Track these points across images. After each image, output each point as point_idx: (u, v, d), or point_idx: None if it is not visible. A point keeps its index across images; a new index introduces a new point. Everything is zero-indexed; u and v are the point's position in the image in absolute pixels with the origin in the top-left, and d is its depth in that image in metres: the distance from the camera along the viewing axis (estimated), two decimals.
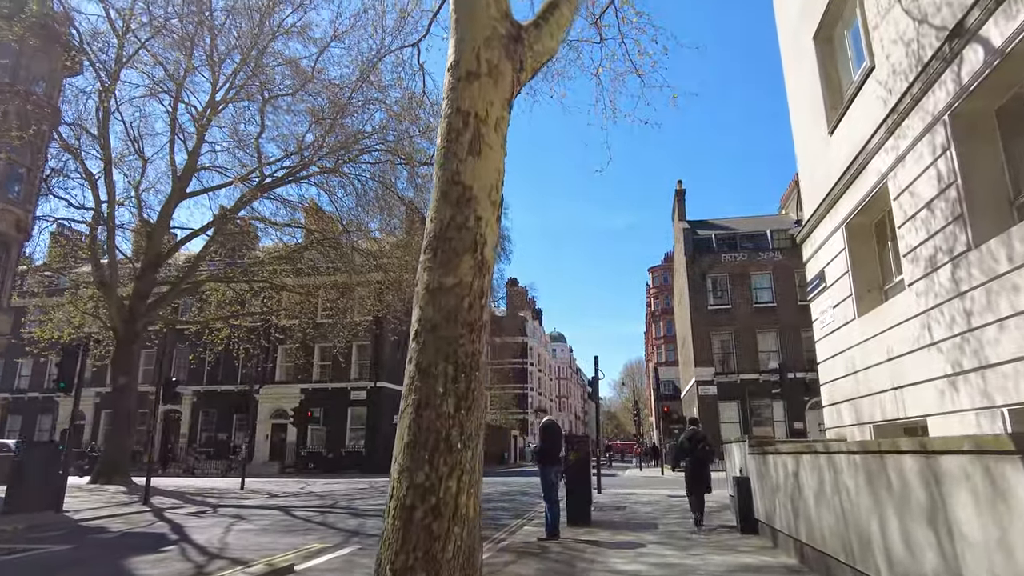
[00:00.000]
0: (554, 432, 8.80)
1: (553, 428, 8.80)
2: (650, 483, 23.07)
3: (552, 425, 8.81)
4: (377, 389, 33.94)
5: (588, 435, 11.22)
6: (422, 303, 3.66)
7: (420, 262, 3.77)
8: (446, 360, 3.46)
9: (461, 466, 3.34)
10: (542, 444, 8.72)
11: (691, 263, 33.59)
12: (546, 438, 8.71)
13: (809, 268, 12.93)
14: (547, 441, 8.70)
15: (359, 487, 20.91)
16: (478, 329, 3.60)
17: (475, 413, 3.48)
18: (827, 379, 11.91)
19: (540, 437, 8.73)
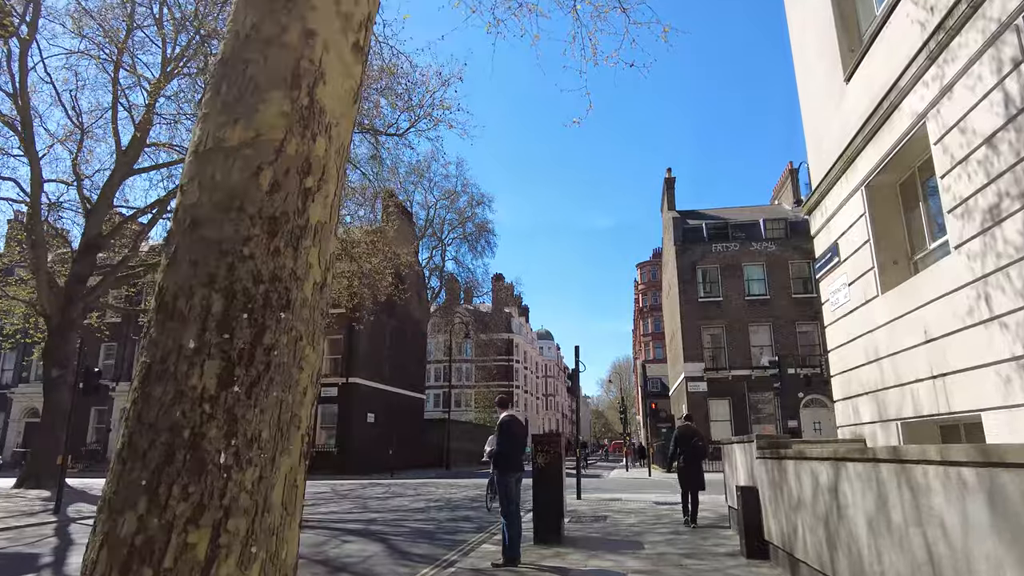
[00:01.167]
0: (514, 431, 7.11)
1: (512, 427, 7.10)
2: (636, 486, 21.42)
3: (512, 423, 7.11)
4: (349, 385, 32.09)
5: (560, 432, 9.41)
6: (184, 180, 1.93)
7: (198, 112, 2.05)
8: (208, 286, 1.73)
9: (224, 504, 1.60)
10: (499, 446, 7.02)
11: (680, 254, 32.00)
12: (504, 438, 7.02)
13: (818, 242, 11.30)
14: (506, 442, 7.01)
15: (319, 491, 19.12)
16: (294, 234, 1.87)
17: (273, 395, 1.74)
18: (841, 369, 10.30)
19: (497, 437, 7.03)
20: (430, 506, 14.03)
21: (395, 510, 13.52)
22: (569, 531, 9.28)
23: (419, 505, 14.42)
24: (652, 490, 18.66)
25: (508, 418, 7.11)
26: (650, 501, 14.02)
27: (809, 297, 30.38)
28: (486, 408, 68.17)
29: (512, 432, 7.05)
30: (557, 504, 8.42)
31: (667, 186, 36.23)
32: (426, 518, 12.01)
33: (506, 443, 6.98)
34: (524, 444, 7.27)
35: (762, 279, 31.09)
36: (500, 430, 7.01)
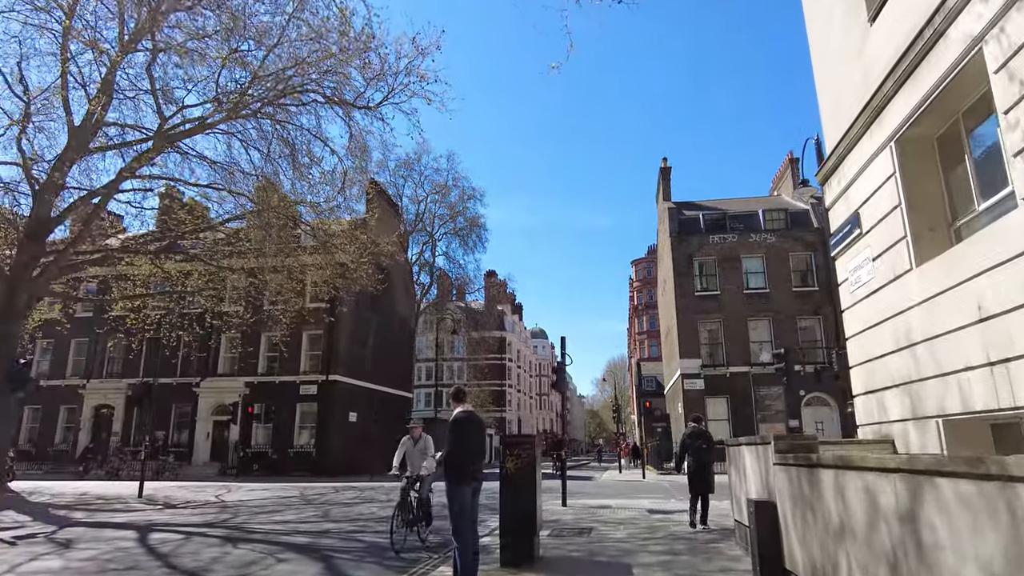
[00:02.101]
0: (467, 431, 5.69)
1: (466, 425, 5.69)
2: (629, 490, 20.04)
3: (466, 421, 5.71)
4: (329, 383, 30.63)
5: (532, 433, 7.99)
6: None
7: None
8: None
9: None
10: (449, 449, 5.62)
11: (676, 245, 30.62)
12: (456, 439, 5.61)
13: (834, 214, 9.93)
14: (457, 444, 5.61)
15: (287, 495, 17.68)
16: None
17: None
18: (862, 359, 8.93)
19: (448, 437, 5.62)
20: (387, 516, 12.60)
21: (357, 519, 12.10)
22: (546, 548, 7.89)
23: (387, 512, 12.98)
24: (646, 495, 17.29)
25: (462, 415, 5.72)
26: (643, 509, 12.63)
27: (810, 291, 29.08)
28: (478, 407, 66.73)
29: (465, 432, 5.64)
30: (529, 518, 7.02)
31: (662, 176, 34.90)
32: (388, 530, 10.58)
33: (458, 445, 5.58)
34: (482, 448, 5.86)
35: (761, 272, 29.75)
36: (451, 429, 5.61)
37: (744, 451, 6.22)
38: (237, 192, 18.81)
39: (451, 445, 5.59)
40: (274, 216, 19.31)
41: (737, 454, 6.66)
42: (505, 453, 6.98)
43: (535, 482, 7.13)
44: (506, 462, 6.93)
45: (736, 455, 6.80)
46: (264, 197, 18.77)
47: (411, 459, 8.89)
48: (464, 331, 54.75)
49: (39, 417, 33.92)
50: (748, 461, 6.00)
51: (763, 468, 5.37)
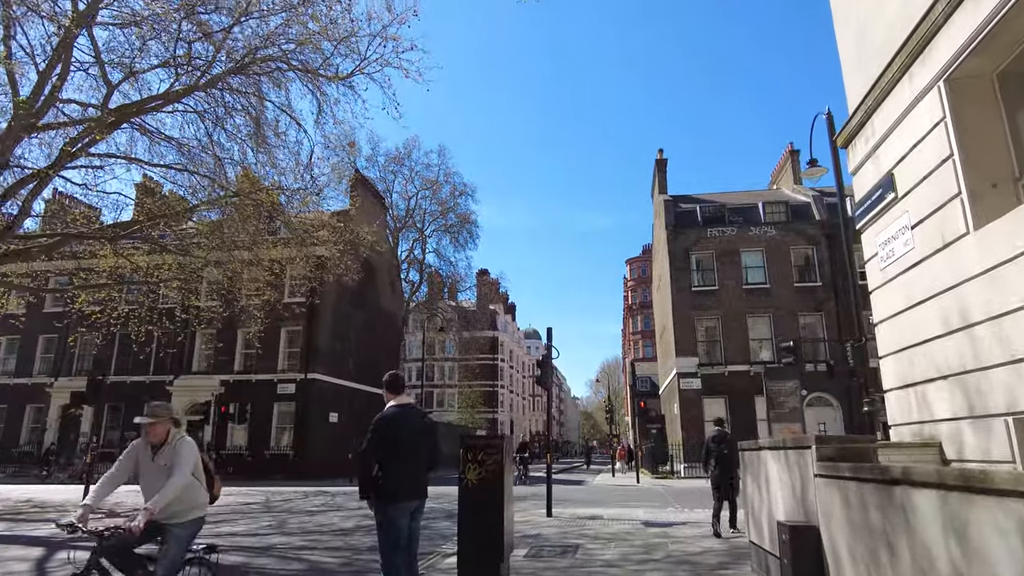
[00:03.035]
0: (393, 433, 4.22)
1: (392, 425, 4.23)
2: (622, 496, 18.66)
3: (393, 419, 4.27)
4: (308, 381, 29.16)
5: (504, 434, 6.56)
6: None
7: None
8: None
9: None
10: (365, 447, 4.16)
11: (673, 239, 29.28)
12: (383, 442, 4.16)
13: (860, 180, 8.58)
14: (382, 449, 4.15)
15: (251, 501, 16.24)
16: None
17: None
18: (896, 346, 7.57)
19: (367, 442, 4.17)
20: (361, 525, 11.20)
21: (314, 531, 10.68)
22: (519, 573, 6.50)
23: (349, 524, 11.60)
24: (640, 503, 15.91)
25: (393, 411, 4.31)
26: (638, 520, 11.23)
27: (813, 286, 27.80)
28: (467, 408, 65.32)
29: (387, 435, 4.20)
30: (494, 540, 5.65)
31: (658, 168, 33.58)
32: (343, 544, 9.20)
33: (382, 451, 4.16)
34: (417, 453, 4.42)
35: (761, 266, 28.45)
36: (373, 430, 4.18)
37: (767, 458, 4.86)
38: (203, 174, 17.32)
39: (371, 451, 4.18)
40: (249, 204, 17.87)
41: (756, 461, 5.30)
42: (465, 459, 5.60)
43: (503, 495, 5.75)
44: (466, 471, 5.57)
45: (754, 462, 5.44)
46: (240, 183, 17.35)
47: (145, 482, 4.26)
48: (455, 330, 53.33)
49: (3, 416, 32.31)
50: (773, 470, 4.65)
51: (797, 481, 4.03)
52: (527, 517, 11.79)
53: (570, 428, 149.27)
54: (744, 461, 5.83)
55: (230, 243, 19.65)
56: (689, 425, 26.85)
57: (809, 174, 14.24)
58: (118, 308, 21.79)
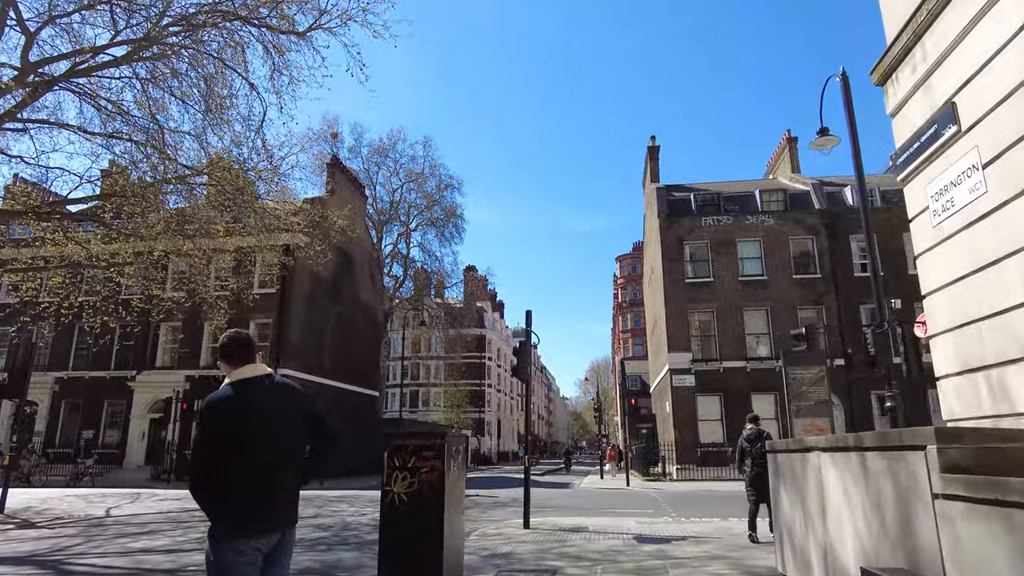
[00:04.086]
0: (240, 424, 2.63)
1: (234, 412, 2.68)
2: (611, 502, 17.12)
3: (235, 403, 2.70)
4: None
5: (448, 431, 4.89)
6: None
7: None
8: None
9: None
10: (193, 460, 2.57)
11: (665, 228, 27.78)
12: (212, 443, 2.54)
13: (904, 119, 7.03)
14: (218, 449, 2.53)
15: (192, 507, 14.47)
16: None
17: None
18: (956, 322, 6.03)
19: (195, 442, 2.58)
20: (303, 537, 9.55)
21: None
22: None
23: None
24: (631, 509, 14.37)
25: (228, 392, 2.68)
26: (629, 533, 9.64)
27: (812, 278, 26.39)
28: (453, 407, 63.66)
29: (221, 430, 2.58)
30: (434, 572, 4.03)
31: (650, 155, 32.09)
32: None
33: (214, 455, 2.54)
34: (276, 456, 2.77)
35: (758, 257, 27.02)
36: (202, 419, 2.59)
37: (823, 464, 3.30)
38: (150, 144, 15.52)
39: (201, 454, 2.59)
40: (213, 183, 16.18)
41: (799, 468, 3.75)
42: (391, 466, 4.01)
43: (444, 515, 4.14)
44: (392, 482, 3.98)
45: (795, 469, 3.88)
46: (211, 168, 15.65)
47: None
48: (441, 328, 51.66)
49: None
50: (835, 484, 3.11)
51: (890, 502, 2.50)
52: (501, 529, 10.21)
53: (559, 429, 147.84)
54: (777, 467, 4.30)
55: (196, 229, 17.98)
56: (682, 424, 25.38)
57: (820, 144, 12.71)
58: (70, 297, 19.96)
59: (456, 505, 4.54)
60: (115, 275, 20.33)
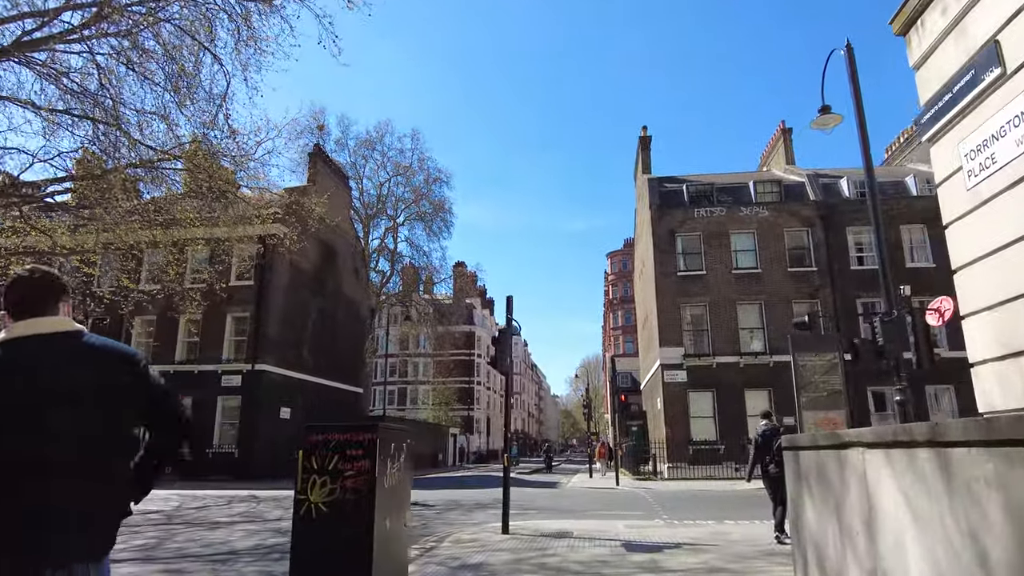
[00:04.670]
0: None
1: None
2: (600, 503, 16.29)
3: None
4: (256, 373, 26.38)
5: (384, 423, 3.95)
6: None
7: None
8: None
9: None
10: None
11: (657, 219, 26.97)
12: None
13: (931, 70, 6.20)
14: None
15: (155, 510, 13.53)
16: None
17: None
18: (995, 298, 5.21)
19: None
20: (261, 546, 8.64)
21: (189, 555, 8.10)
22: None
23: (248, 542, 9.04)
24: (621, 511, 13.54)
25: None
26: (617, 540, 8.78)
27: (807, 271, 25.67)
28: (441, 405, 62.73)
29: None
30: None
31: (642, 146, 31.27)
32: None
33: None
34: (25, 448, 1.86)
35: (752, 249, 26.26)
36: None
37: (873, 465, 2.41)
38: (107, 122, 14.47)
39: None
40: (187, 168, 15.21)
41: (834, 469, 2.87)
42: (307, 468, 3.10)
43: (374, 529, 3.24)
44: (308, 488, 3.08)
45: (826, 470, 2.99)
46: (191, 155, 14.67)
47: None
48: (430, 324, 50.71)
49: None
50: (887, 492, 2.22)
51: (1000, 529, 1.67)
52: (477, 534, 9.34)
53: (550, 427, 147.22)
54: (799, 468, 3.44)
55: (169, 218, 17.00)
56: (674, 421, 24.59)
57: (822, 122, 11.83)
58: None
59: (395, 515, 3.68)
60: (82, 265, 19.25)
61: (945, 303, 9.58)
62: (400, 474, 3.84)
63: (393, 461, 3.73)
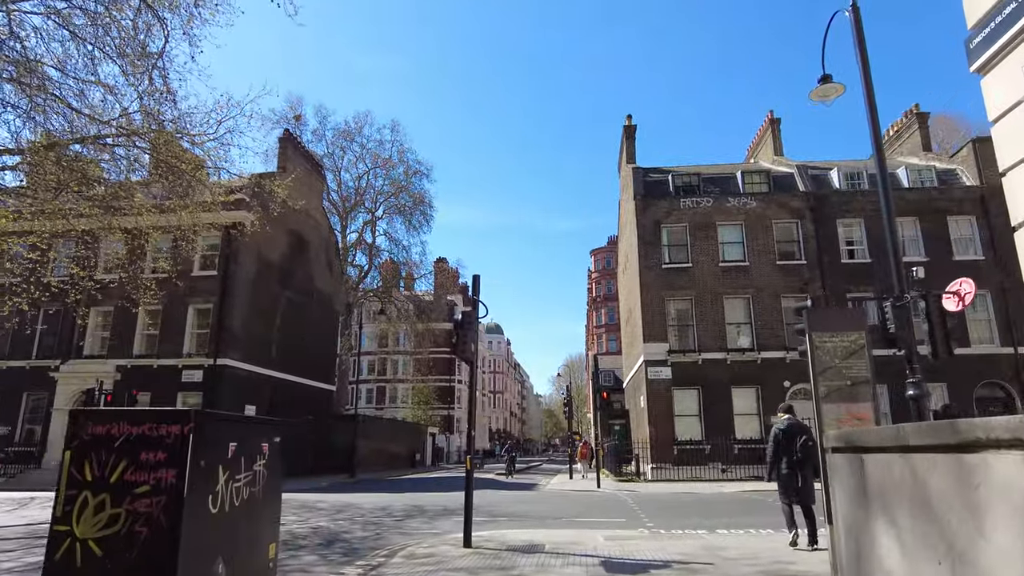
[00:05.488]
0: None
1: None
2: (579, 507, 15.12)
3: None
4: (219, 368, 24.87)
5: (194, 409, 2.65)
6: None
7: None
8: None
9: None
10: None
11: (642, 210, 25.87)
12: None
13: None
14: None
15: None
16: None
17: None
18: None
19: None
20: None
21: None
22: None
23: None
24: (601, 518, 12.37)
25: None
26: (596, 557, 7.57)
27: (796, 264, 24.75)
28: (420, 404, 61.32)
29: None
30: None
31: (626, 135, 30.16)
32: None
33: None
34: None
35: (739, 242, 25.26)
36: None
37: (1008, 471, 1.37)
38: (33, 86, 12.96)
39: None
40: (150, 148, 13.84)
41: (951, 494, 1.76)
42: (73, 481, 1.87)
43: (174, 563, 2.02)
44: (75, 516, 1.83)
45: (923, 483, 1.87)
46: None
47: None
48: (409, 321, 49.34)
49: None
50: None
51: None
52: (435, 547, 8.11)
53: (533, 426, 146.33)
54: (866, 483, 2.31)
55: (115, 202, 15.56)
56: (657, 420, 23.51)
57: (822, 93, 10.73)
58: None
59: (243, 556, 2.46)
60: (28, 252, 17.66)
61: (965, 285, 8.55)
62: (255, 489, 2.64)
63: (235, 469, 2.53)
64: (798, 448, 7.73)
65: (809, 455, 7.66)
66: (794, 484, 7.74)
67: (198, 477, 2.30)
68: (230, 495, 2.54)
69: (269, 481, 2.81)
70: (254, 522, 2.74)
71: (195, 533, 2.22)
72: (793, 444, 7.80)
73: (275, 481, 2.92)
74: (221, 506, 2.47)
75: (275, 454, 2.91)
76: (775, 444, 7.99)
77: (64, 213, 15.11)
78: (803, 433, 7.95)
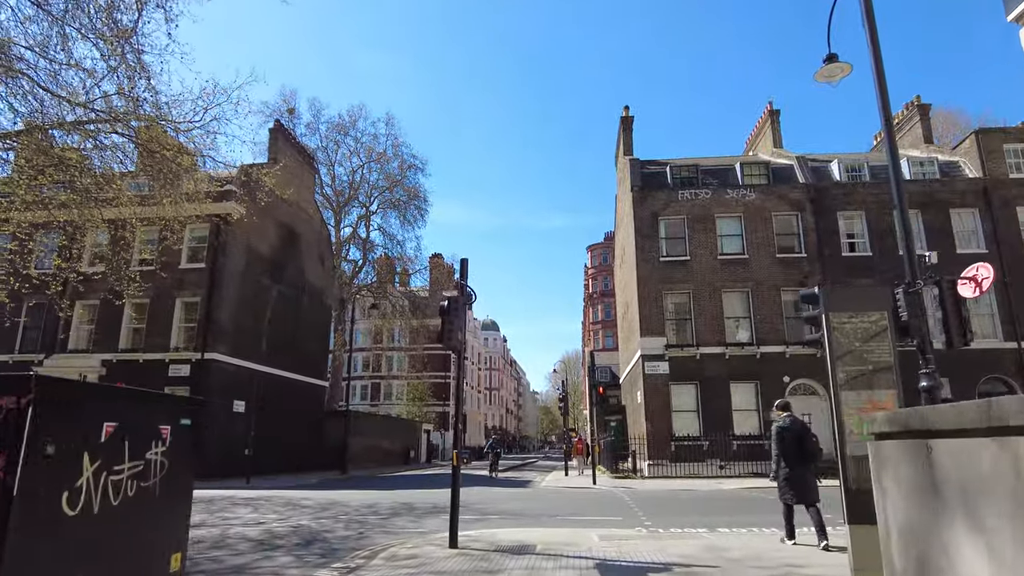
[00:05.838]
0: None
1: None
2: (573, 505, 14.65)
3: None
4: (206, 363, 24.32)
5: (83, 377, 2.16)
6: None
7: None
8: None
9: None
10: None
11: (639, 202, 25.38)
12: None
13: None
14: None
15: None
16: None
17: None
18: None
19: None
20: None
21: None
22: None
23: None
24: (596, 516, 11.90)
25: None
26: (591, 559, 7.10)
27: (796, 257, 24.31)
28: (415, 400, 60.80)
29: None
30: None
31: (624, 127, 29.67)
32: None
33: None
34: None
35: (738, 234, 24.80)
36: None
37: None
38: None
39: None
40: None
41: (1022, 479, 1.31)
42: None
43: None
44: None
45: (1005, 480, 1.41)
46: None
47: None
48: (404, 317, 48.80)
49: None
50: None
51: None
52: (419, 548, 7.62)
53: (529, 423, 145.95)
54: (933, 476, 1.86)
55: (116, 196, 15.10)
56: (655, 415, 23.06)
57: (828, 73, 10.24)
58: None
59: (127, 570, 1.96)
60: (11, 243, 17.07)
61: (983, 270, 8.08)
62: (148, 483, 2.14)
63: (111, 457, 2.03)
64: (808, 447, 7.51)
65: (815, 454, 7.56)
66: (800, 483, 7.46)
67: (40, 468, 1.79)
68: (102, 492, 2.02)
69: (171, 473, 2.31)
70: (145, 526, 2.22)
71: (33, 546, 1.68)
72: (800, 443, 7.54)
73: (181, 473, 2.43)
74: (85, 507, 1.94)
75: (182, 439, 2.43)
76: (780, 443, 7.65)
77: (44, 203, 14.54)
78: (806, 431, 7.75)
